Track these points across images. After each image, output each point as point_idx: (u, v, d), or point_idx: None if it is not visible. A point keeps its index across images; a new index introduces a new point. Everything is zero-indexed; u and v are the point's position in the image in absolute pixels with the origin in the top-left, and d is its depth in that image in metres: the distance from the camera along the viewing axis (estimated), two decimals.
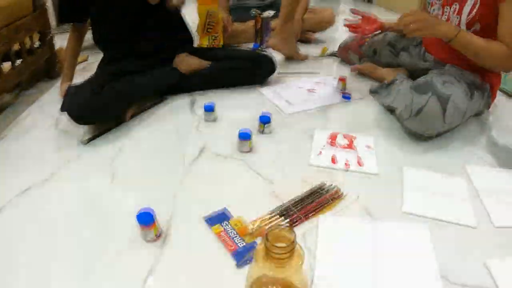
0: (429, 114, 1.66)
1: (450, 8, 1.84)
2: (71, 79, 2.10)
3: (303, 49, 3.00)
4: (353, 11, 2.24)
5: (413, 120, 1.69)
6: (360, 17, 2.19)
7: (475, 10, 1.75)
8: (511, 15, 1.64)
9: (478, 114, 2.02)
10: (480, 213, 1.35)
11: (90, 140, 1.77)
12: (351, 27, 2.23)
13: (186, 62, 2.21)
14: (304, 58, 2.90)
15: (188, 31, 2.32)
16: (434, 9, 1.95)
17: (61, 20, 2.11)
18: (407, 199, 1.40)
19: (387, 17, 2.27)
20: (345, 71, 2.60)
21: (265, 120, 1.75)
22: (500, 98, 2.15)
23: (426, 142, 1.76)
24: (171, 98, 2.18)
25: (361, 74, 2.52)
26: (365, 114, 2.04)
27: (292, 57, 2.85)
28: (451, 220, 1.31)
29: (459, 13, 1.80)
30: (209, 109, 1.88)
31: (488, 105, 2.03)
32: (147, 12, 2.05)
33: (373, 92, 2.23)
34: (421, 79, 1.80)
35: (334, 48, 2.92)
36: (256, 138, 1.73)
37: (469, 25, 1.79)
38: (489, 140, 1.80)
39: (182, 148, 1.70)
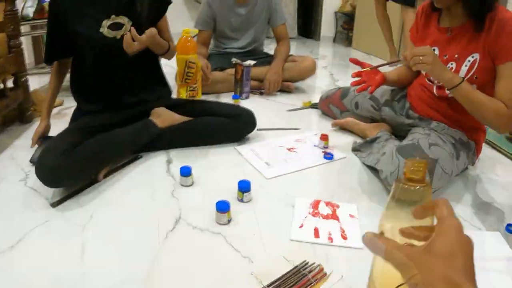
0: None
1: (446, 66, 1.79)
2: (48, 120, 2.05)
3: (282, 99, 2.96)
4: (353, 62, 2.10)
5: None
6: (365, 68, 2.05)
7: (473, 70, 1.72)
8: (510, 75, 1.63)
9: (462, 170, 1.98)
10: None
11: (59, 202, 1.66)
12: (358, 84, 2.08)
13: (163, 117, 2.14)
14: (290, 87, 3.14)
15: (166, 83, 2.28)
16: None
17: (48, 60, 2.02)
18: None
19: (365, 60, 2.20)
20: (327, 124, 2.56)
21: (244, 189, 1.67)
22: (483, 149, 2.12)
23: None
24: (146, 155, 2.09)
25: (343, 128, 2.47)
26: (348, 175, 1.98)
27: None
28: None
29: (456, 72, 1.76)
30: (186, 173, 1.80)
31: (472, 162, 1.98)
32: (130, 64, 2.01)
33: (355, 150, 2.17)
34: (407, 142, 1.76)
35: (314, 98, 2.87)
36: (234, 206, 1.64)
37: None
38: (474, 198, 1.75)
39: (156, 217, 1.60)
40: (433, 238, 0.57)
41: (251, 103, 2.94)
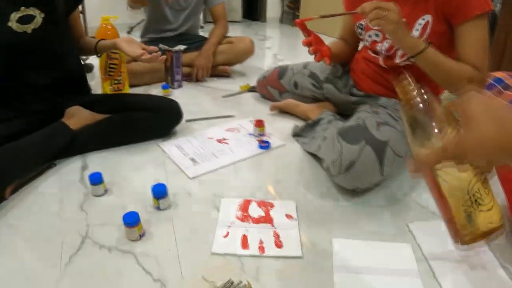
0: (362, 168, 1.41)
1: None
2: None
3: (219, 85, 2.72)
4: (298, 23, 1.72)
5: (344, 176, 1.43)
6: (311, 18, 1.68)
7: (426, 35, 1.53)
8: (475, 35, 1.45)
9: None
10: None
11: None
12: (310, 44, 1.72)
13: (77, 117, 1.85)
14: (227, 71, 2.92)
15: (85, 79, 2.02)
16: (370, 35, 1.70)
17: None
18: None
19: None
20: (265, 109, 2.32)
21: (159, 194, 1.41)
22: None
23: (362, 194, 1.52)
24: (60, 163, 1.78)
25: (283, 112, 2.21)
26: (287, 166, 1.75)
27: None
28: None
29: None
30: (95, 181, 1.52)
31: None
32: (44, 62, 1.76)
33: (296, 135, 1.93)
34: (351, 123, 1.53)
35: (254, 80, 2.65)
36: (150, 216, 1.39)
37: None
38: None
39: (61, 238, 1.33)
40: (464, 114, 0.58)
41: (184, 92, 2.70)
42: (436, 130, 0.66)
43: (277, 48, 4.19)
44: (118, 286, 1.14)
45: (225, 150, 1.85)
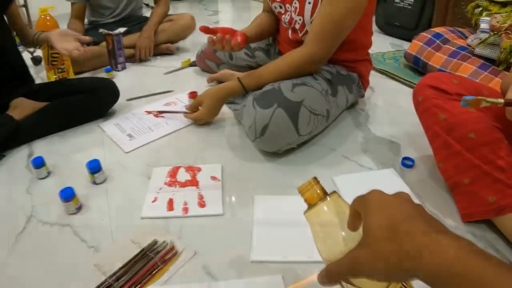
0: (276, 131, 1.47)
1: (291, 6, 1.66)
2: None
3: (162, 63, 2.78)
4: (202, 30, 1.75)
5: (261, 140, 1.50)
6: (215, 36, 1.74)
7: (316, 6, 1.57)
8: (328, 4, 1.50)
9: (351, 106, 1.85)
10: None
11: None
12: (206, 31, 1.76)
13: (21, 107, 1.89)
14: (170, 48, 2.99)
15: (25, 68, 2.03)
16: (275, 7, 1.76)
17: None
18: (255, 244, 1.20)
19: None
20: (203, 82, 2.38)
21: (93, 169, 1.50)
22: (380, 79, 2.01)
23: (288, 154, 1.61)
24: (8, 153, 1.84)
25: (220, 82, 2.30)
26: (218, 134, 1.84)
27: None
28: (303, 260, 1.13)
29: (301, 13, 1.62)
30: (37, 164, 1.60)
31: (360, 95, 1.86)
32: None
33: (229, 102, 2.00)
34: (267, 87, 1.59)
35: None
36: (87, 191, 1.49)
37: None
38: (366, 135, 1.64)
39: (8, 219, 1.42)
40: (363, 226, 0.55)
41: (127, 74, 2.75)
42: (342, 237, 0.61)
43: (225, 23, 4.23)
44: (58, 256, 1.24)
45: (160, 123, 1.93)
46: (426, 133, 1.40)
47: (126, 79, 2.29)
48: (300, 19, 1.66)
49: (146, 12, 3.33)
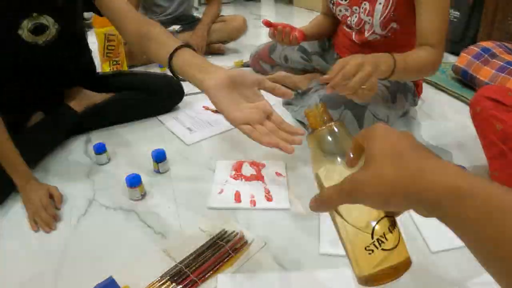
0: None
1: (360, 8, 1.64)
2: None
3: (214, 62, 2.76)
4: (266, 24, 1.74)
5: None
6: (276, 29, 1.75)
7: (388, 9, 1.56)
8: (431, 9, 1.45)
9: (404, 115, 1.85)
10: (415, 239, 1.19)
11: None
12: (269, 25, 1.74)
13: (80, 98, 1.89)
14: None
15: (90, 57, 1.98)
16: (340, 10, 1.75)
17: None
18: (324, 237, 1.20)
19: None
20: None
21: (158, 158, 1.51)
22: (429, 90, 2.01)
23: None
24: (65, 139, 1.86)
25: (276, 83, 2.30)
26: None
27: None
28: None
29: (371, 13, 1.61)
30: (99, 150, 1.62)
31: (414, 103, 1.86)
32: (56, 71, 1.70)
33: (286, 104, 2.01)
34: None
35: (247, 57, 2.74)
36: (150, 179, 1.50)
37: (384, 26, 1.61)
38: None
39: (70, 202, 1.44)
40: (366, 152, 0.52)
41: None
42: (341, 165, 0.60)
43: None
44: (123, 240, 1.26)
45: (219, 119, 1.94)
46: (482, 142, 1.40)
47: None
48: (369, 19, 1.65)
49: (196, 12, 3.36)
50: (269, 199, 1.36)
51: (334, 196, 0.53)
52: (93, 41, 1.91)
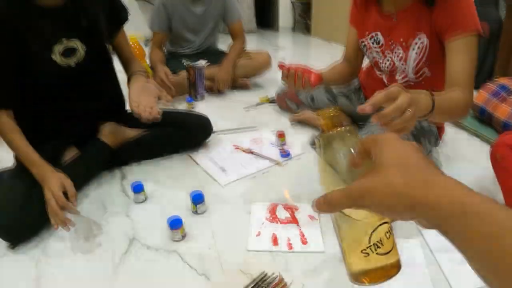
0: None
1: (393, 53, 1.70)
2: None
3: (239, 97, 2.88)
4: (281, 67, 1.75)
5: None
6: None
7: (421, 55, 1.62)
8: (462, 51, 1.47)
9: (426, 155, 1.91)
10: (439, 280, 1.25)
11: (16, 244, 1.51)
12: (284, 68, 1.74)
13: (114, 134, 1.97)
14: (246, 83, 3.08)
15: (122, 98, 2.08)
16: (372, 53, 1.80)
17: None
18: None
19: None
20: (285, 120, 2.49)
21: (197, 200, 1.59)
22: (446, 128, 2.07)
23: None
24: (99, 174, 1.95)
25: (301, 123, 2.39)
26: (306, 173, 1.91)
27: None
28: None
29: (404, 59, 1.67)
30: (137, 190, 1.71)
31: (436, 145, 1.91)
32: (87, 93, 1.82)
33: (313, 144, 2.08)
34: (375, 129, 1.65)
35: (272, 92, 2.83)
36: (189, 220, 1.56)
37: (417, 72, 1.67)
38: None
39: (110, 241, 1.51)
40: (374, 159, 0.53)
41: (206, 104, 2.88)
42: (347, 168, 0.61)
43: (291, 59, 4.33)
44: (167, 280, 1.33)
45: (251, 160, 2.03)
46: (501, 188, 1.44)
47: (207, 110, 2.38)
48: (402, 65, 1.71)
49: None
50: (304, 242, 1.43)
51: (342, 200, 0.53)
52: (119, 69, 1.98)
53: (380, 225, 0.57)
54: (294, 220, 1.53)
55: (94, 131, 1.96)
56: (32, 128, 1.67)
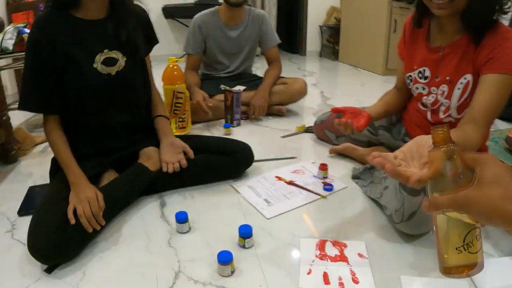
0: (423, 217, 1.52)
1: (438, 89, 1.71)
2: None
3: (275, 124, 2.88)
4: (334, 111, 1.96)
5: (406, 224, 1.56)
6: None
7: (466, 93, 1.62)
8: (489, 89, 1.49)
9: None
10: None
11: (53, 268, 1.49)
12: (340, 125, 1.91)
13: (155, 159, 1.97)
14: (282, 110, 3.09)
15: (152, 122, 2.08)
16: (417, 88, 1.81)
17: (44, 109, 1.77)
18: None
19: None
20: (323, 150, 2.49)
21: (245, 235, 1.58)
22: None
23: (423, 236, 1.64)
24: (138, 200, 1.95)
25: (341, 154, 2.38)
26: (351, 207, 1.89)
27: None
28: None
29: (448, 96, 1.67)
30: (182, 220, 1.69)
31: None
32: (125, 104, 1.90)
33: (355, 177, 2.08)
34: None
35: (307, 120, 2.86)
36: (237, 254, 1.54)
37: (460, 110, 1.67)
38: None
39: (154, 272, 1.49)
40: (477, 174, 0.66)
41: (243, 131, 2.88)
42: (452, 180, 0.72)
43: (321, 85, 4.34)
44: None
45: (294, 192, 2.01)
46: None
47: (244, 137, 2.37)
48: (446, 102, 1.71)
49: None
50: (356, 281, 1.41)
51: (448, 205, 0.67)
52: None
53: (474, 228, 0.70)
54: (343, 258, 1.52)
55: (135, 155, 1.98)
56: (72, 142, 1.78)
